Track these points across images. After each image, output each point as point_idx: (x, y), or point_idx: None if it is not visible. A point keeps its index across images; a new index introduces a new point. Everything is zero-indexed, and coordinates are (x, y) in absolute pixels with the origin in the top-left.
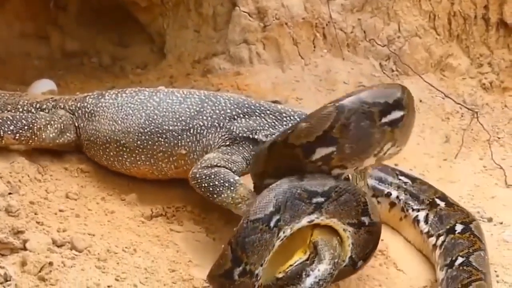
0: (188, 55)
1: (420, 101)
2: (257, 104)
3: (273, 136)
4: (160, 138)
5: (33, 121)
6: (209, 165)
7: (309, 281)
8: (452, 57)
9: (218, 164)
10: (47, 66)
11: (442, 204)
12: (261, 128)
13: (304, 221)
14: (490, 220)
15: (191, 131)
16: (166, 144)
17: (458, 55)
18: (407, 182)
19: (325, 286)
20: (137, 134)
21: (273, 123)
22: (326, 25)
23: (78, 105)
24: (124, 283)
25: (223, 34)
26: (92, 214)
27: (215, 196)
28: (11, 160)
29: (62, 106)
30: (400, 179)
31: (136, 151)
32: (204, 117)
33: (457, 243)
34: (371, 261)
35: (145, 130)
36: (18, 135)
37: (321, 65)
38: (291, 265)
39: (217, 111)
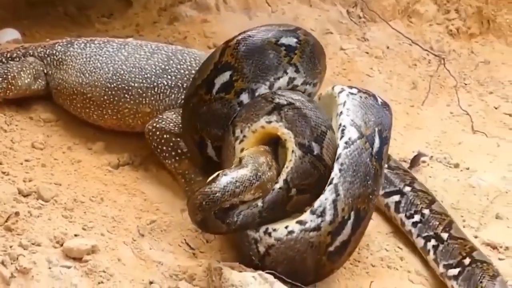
0: (154, 3)
1: (387, 47)
2: None
3: None
4: (126, 95)
5: (6, 71)
6: (163, 128)
7: (225, 179)
8: (419, 3)
9: (172, 131)
10: (11, 16)
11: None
12: None
13: (263, 121)
14: (456, 166)
15: (155, 90)
16: (132, 101)
17: (425, 1)
18: None
19: (241, 189)
20: (104, 88)
21: None
22: None
23: (47, 52)
24: (91, 232)
25: None
26: (58, 163)
27: (160, 157)
28: None
29: (31, 53)
30: None
31: (103, 106)
32: (169, 76)
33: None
34: None
35: (112, 85)
36: None
37: (288, 12)
38: None
39: (182, 71)
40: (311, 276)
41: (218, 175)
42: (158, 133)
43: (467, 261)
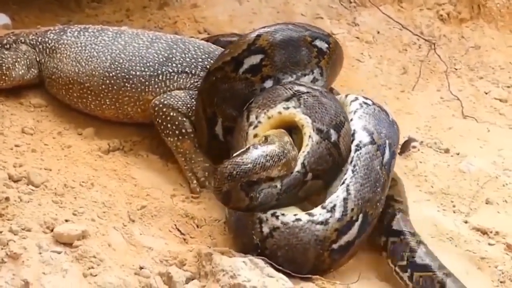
0: None
1: (378, 32)
2: None
3: None
4: (126, 83)
5: (0, 62)
6: (171, 105)
7: (256, 152)
8: None
9: (180, 109)
10: (0, 0)
11: None
12: None
13: (280, 106)
14: (447, 151)
15: (160, 77)
16: (133, 90)
17: None
18: None
19: (271, 164)
20: (102, 77)
21: None
22: None
23: (39, 40)
24: (82, 217)
25: None
26: (49, 148)
27: (163, 134)
28: None
29: (23, 41)
30: None
31: (101, 95)
32: (174, 64)
33: None
34: None
35: (111, 74)
36: None
37: None
38: None
39: (188, 59)
40: (307, 269)
41: (248, 148)
42: (165, 109)
43: None
